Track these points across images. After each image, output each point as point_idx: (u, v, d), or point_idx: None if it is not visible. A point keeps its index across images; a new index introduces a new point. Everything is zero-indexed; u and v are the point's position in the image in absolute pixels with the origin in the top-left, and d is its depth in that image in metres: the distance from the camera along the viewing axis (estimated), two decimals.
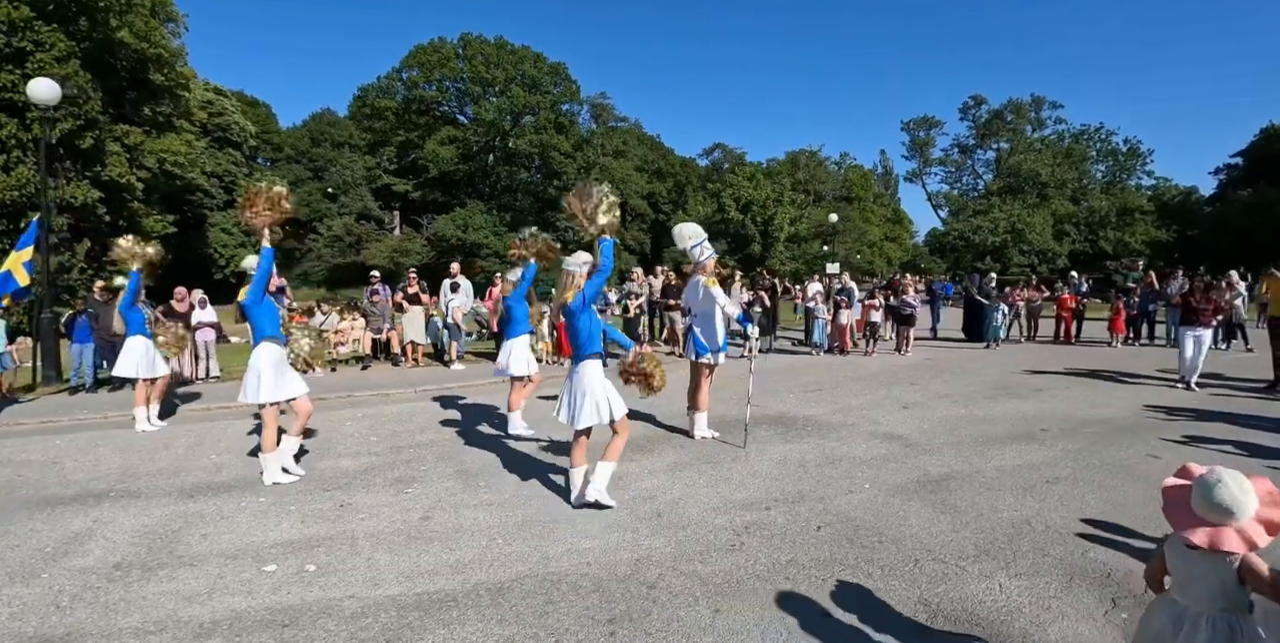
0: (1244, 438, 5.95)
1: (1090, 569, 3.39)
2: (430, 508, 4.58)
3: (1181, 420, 6.73)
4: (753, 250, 38.27)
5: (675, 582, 3.32)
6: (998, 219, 38.50)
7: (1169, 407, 7.41)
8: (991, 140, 45.92)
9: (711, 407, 6.41)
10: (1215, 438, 5.93)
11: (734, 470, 5.11)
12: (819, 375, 9.99)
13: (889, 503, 4.33)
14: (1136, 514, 4.12)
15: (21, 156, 23.38)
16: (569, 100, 44.88)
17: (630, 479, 5.01)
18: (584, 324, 4.29)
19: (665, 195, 55.99)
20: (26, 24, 22.61)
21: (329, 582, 3.52)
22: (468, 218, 42.67)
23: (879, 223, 60.43)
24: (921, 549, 3.60)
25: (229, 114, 39.70)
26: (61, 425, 7.69)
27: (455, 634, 2.94)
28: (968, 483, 4.72)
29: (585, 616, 3.04)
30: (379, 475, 5.37)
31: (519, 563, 3.65)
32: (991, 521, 4.02)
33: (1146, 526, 3.92)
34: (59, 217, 24.43)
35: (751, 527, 3.96)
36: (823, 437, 6.08)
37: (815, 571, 3.37)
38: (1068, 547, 3.65)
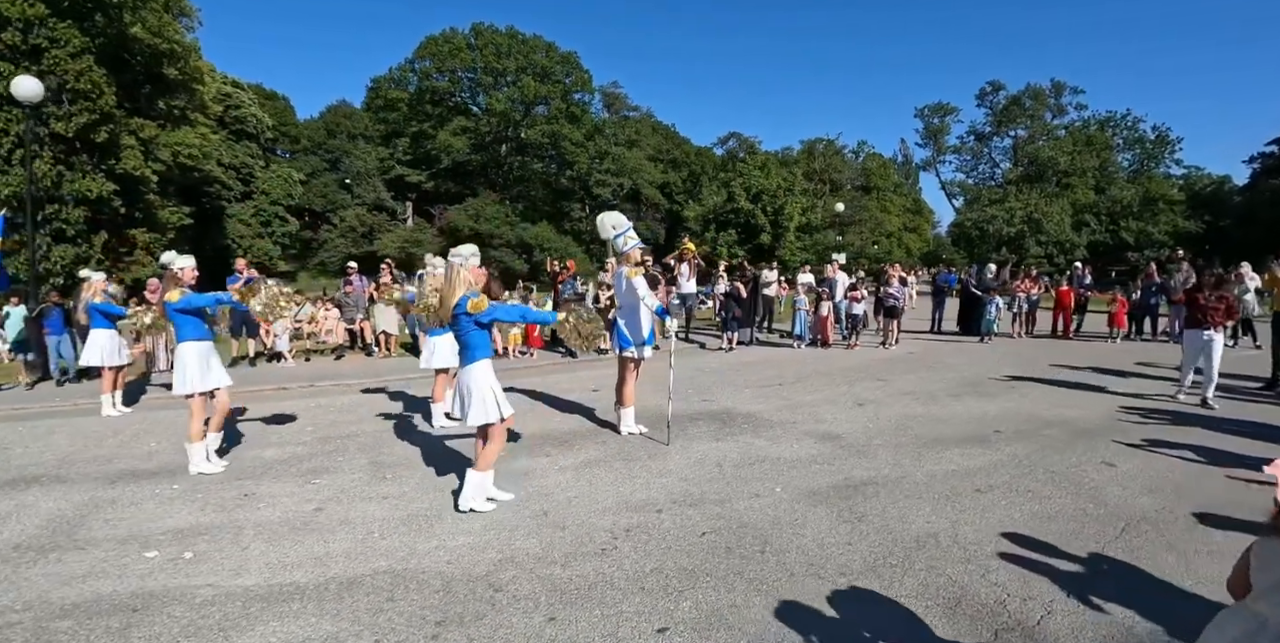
0: (1213, 443, 5.65)
1: (983, 594, 3.14)
2: (327, 500, 4.67)
3: (1153, 424, 6.44)
4: (763, 240, 37.79)
5: (525, 586, 3.30)
6: (1013, 209, 37.45)
7: (1146, 409, 7.09)
8: (1009, 127, 44.45)
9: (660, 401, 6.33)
10: (1179, 443, 5.66)
11: (646, 469, 5.06)
12: (787, 369, 9.86)
13: (792, 509, 4.20)
14: (1063, 530, 3.88)
15: (38, 151, 23.94)
16: (580, 90, 44.68)
17: (536, 475, 5.02)
18: (469, 328, 4.23)
19: (680, 185, 55.58)
20: (41, 21, 23.09)
21: (197, 569, 3.63)
22: (480, 208, 42.85)
23: (898, 213, 59.35)
24: (803, 563, 3.45)
25: (246, 107, 40.22)
26: (31, 412, 7.96)
27: (285, 628, 3.00)
28: (888, 490, 4.55)
29: (418, 616, 3.07)
30: (295, 466, 5.48)
31: (383, 558, 3.69)
32: (896, 533, 3.83)
33: (1071, 542, 3.69)
34: (76, 209, 25.07)
35: (633, 530, 3.91)
36: (756, 435, 5.99)
37: (677, 581, 3.29)
38: (969, 566, 3.41)
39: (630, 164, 47.83)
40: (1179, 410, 7.03)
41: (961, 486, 4.62)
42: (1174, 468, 5.03)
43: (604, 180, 46.89)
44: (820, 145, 52.15)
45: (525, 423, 6.70)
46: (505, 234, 43.74)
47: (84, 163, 25.43)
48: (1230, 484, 4.67)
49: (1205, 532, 3.86)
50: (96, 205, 25.81)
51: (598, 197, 48.25)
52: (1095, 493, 4.49)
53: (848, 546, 3.67)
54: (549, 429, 6.44)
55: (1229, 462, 5.13)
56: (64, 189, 24.52)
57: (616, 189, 48.17)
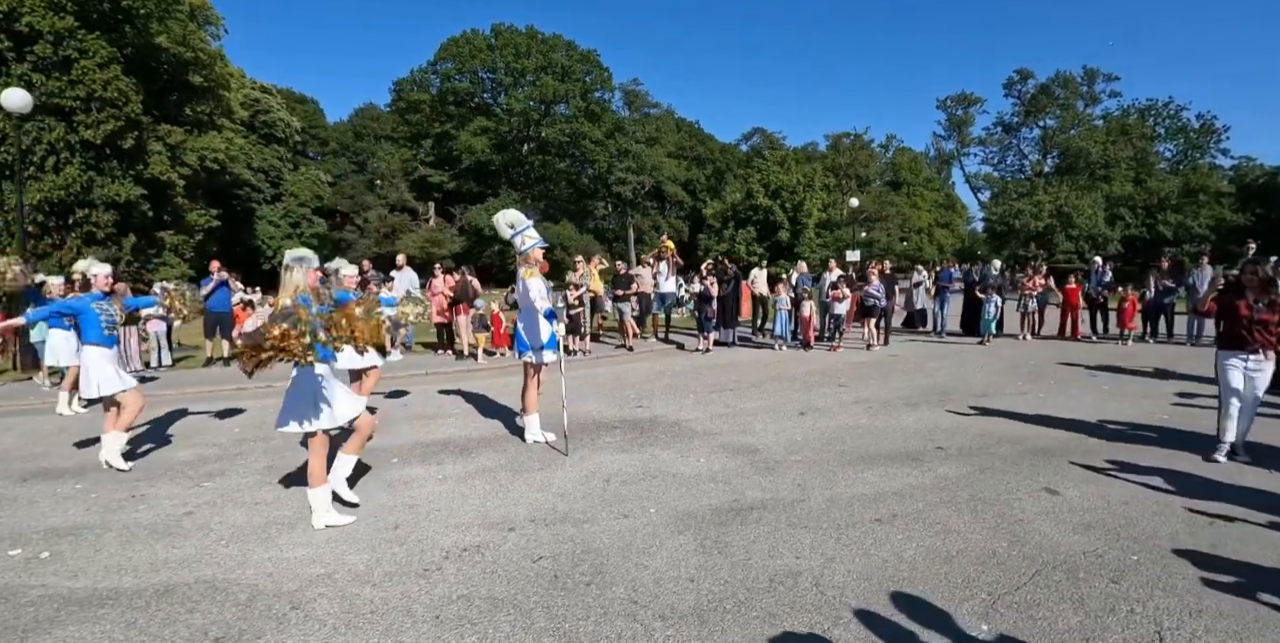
0: (1192, 468, 4.98)
1: None
2: (203, 504, 4.69)
3: (1127, 443, 5.69)
4: (781, 237, 37.19)
5: (325, 605, 3.23)
6: (1042, 202, 35.94)
7: (1127, 423, 6.36)
8: (1038, 117, 42.61)
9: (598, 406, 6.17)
10: (1150, 467, 4.97)
11: (527, 482, 4.91)
12: (750, 373, 9.59)
13: (653, 534, 3.93)
14: (957, 575, 3.33)
15: (69, 158, 24.95)
16: (600, 88, 44.66)
17: (414, 485, 4.94)
18: None
19: (704, 182, 55.20)
20: (70, 33, 23.99)
21: (43, 569, 3.70)
22: (500, 207, 43.06)
23: (929, 208, 57.90)
24: (626, 600, 3.16)
25: (274, 111, 41.26)
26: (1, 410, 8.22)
27: (79, 633, 3.01)
28: (775, 515, 4.18)
29: (201, 630, 3.03)
30: (197, 468, 5.54)
31: (212, 567, 3.69)
32: (754, 569, 3.41)
33: (958, 592, 3.15)
34: (105, 213, 26.04)
35: (471, 550, 3.78)
36: (667, 447, 5.76)
37: (477, 612, 3.11)
38: (814, 617, 2.96)
39: (651, 162, 47.63)
40: (1169, 426, 6.25)
41: (862, 514, 4.15)
42: (1130, 499, 4.34)
43: (624, 178, 46.80)
44: (846, 140, 51.17)
45: (442, 428, 6.67)
46: None
47: (113, 168, 26.39)
48: (1191, 521, 3.97)
49: (1131, 586, 3.22)
50: (125, 209, 26.77)
51: (619, 194, 48.20)
52: (1018, 528, 3.90)
53: (689, 583, 3.31)
54: (459, 435, 6.36)
55: (1201, 492, 4.44)
56: (94, 194, 25.47)
57: (637, 187, 48.03)
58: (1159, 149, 42.05)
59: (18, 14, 22.36)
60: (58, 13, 23.47)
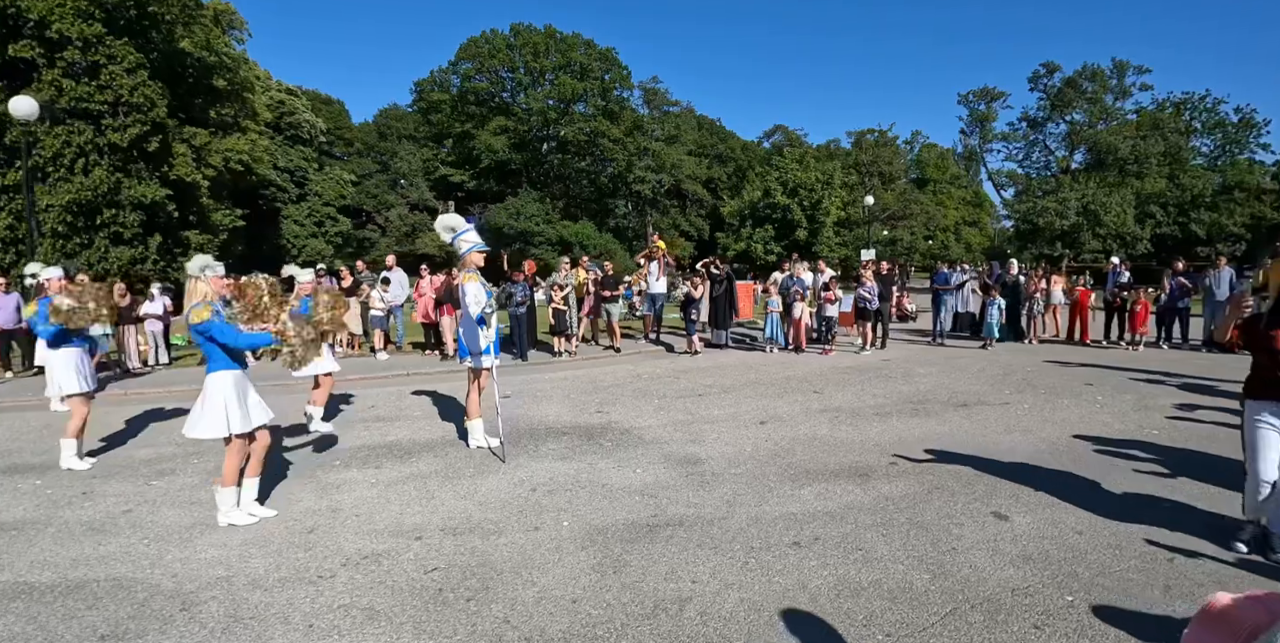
0: (1163, 493, 4.56)
1: None
2: (144, 502, 4.84)
3: (1102, 461, 5.35)
4: (799, 236, 36.76)
5: (214, 608, 3.30)
6: (1067, 199, 34.85)
7: (1112, 439, 5.97)
8: (1064, 112, 41.23)
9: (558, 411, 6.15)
10: (1112, 492, 4.62)
11: (455, 489, 4.92)
12: (728, 377, 9.49)
13: (555, 549, 3.85)
14: (860, 610, 3.11)
15: (97, 160, 25.74)
16: (619, 86, 44.60)
17: (346, 488, 5.00)
18: (199, 340, 4.25)
19: (725, 180, 54.82)
20: (99, 39, 24.72)
21: None
22: (520, 206, 43.45)
23: (956, 206, 56.68)
24: (497, 620, 3.03)
25: (300, 113, 42.08)
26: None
27: None
28: (690, 533, 4.00)
29: (92, 628, 3.13)
30: (152, 467, 5.70)
31: (128, 564, 3.81)
32: (642, 593, 3.30)
33: (853, 629, 2.96)
34: (131, 213, 26.82)
35: (371, 558, 3.80)
36: (608, 456, 5.71)
37: (349, 622, 3.08)
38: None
39: (670, 160, 47.43)
40: (1155, 442, 5.83)
41: (782, 535, 3.96)
42: (1085, 528, 4.00)
43: (644, 177, 46.70)
44: (870, 137, 50.34)
45: (396, 430, 6.73)
46: (545, 232, 44.22)
47: (139, 170, 27.16)
48: (1148, 557, 3.62)
49: (1054, 635, 2.87)
50: (151, 210, 27.54)
51: (638, 193, 48.12)
52: (948, 558, 3.61)
53: (570, 604, 3.22)
54: (408, 438, 6.42)
55: (1170, 521, 4.06)
56: (121, 195, 26.25)
57: (656, 185, 47.89)
58: (1195, 144, 40.52)
59: (48, 22, 23.11)
60: (86, 20, 24.20)
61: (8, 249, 24.24)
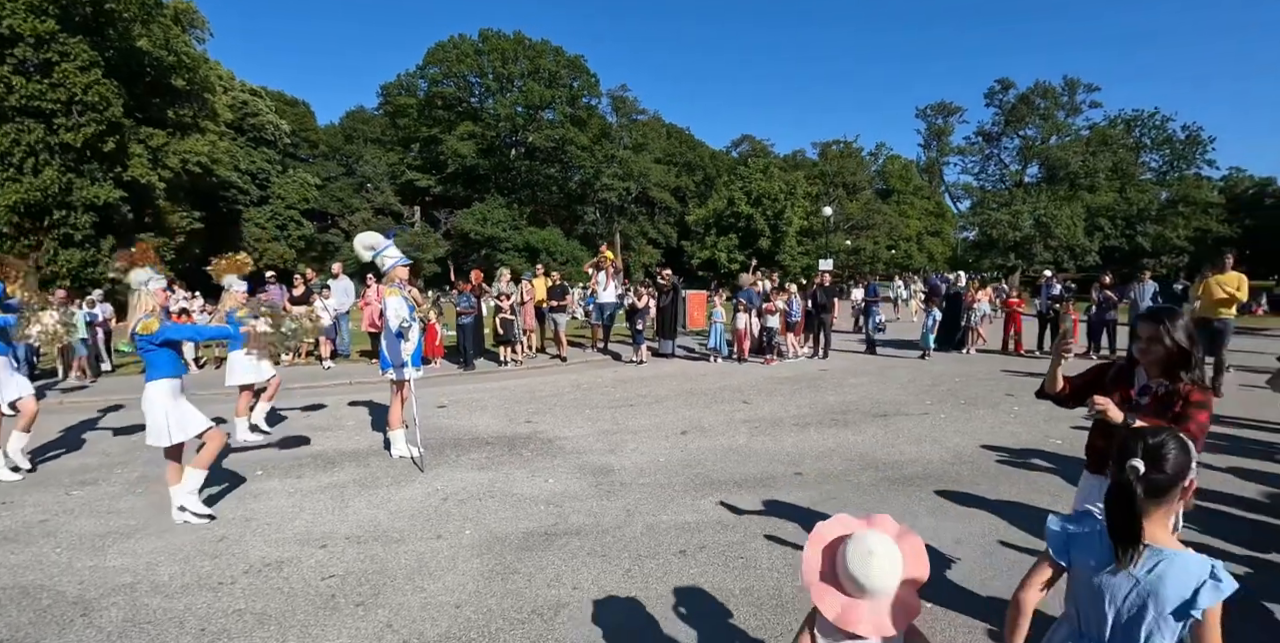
0: (1045, 503, 4.78)
1: None
2: (62, 511, 4.94)
3: (1001, 470, 5.60)
4: (762, 245, 37.41)
5: (113, 614, 3.45)
6: (1020, 212, 36.10)
7: (1016, 448, 6.26)
8: (1018, 127, 42.67)
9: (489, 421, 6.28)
10: (999, 500, 4.87)
11: (370, 498, 5.10)
12: (664, 387, 9.77)
13: (454, 557, 4.03)
14: (719, 616, 3.30)
15: (48, 160, 25.24)
16: (588, 93, 44.92)
17: (264, 497, 5.17)
18: (145, 348, 4.42)
19: (693, 188, 55.46)
20: (52, 36, 24.26)
21: None
22: (486, 212, 43.48)
23: (919, 216, 58.07)
24: (380, 624, 3.20)
25: (263, 114, 41.57)
26: None
27: None
28: (583, 541, 4.19)
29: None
30: (76, 476, 5.79)
31: (37, 572, 3.95)
32: (524, 599, 3.52)
33: (713, 635, 3.15)
34: (83, 215, 26.32)
35: (274, 565, 3.97)
36: (524, 465, 5.90)
37: (240, 625, 3.25)
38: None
39: (638, 168, 47.86)
40: (1056, 452, 6.07)
41: (671, 544, 4.17)
42: (964, 536, 4.20)
43: (611, 184, 47.05)
44: (835, 147, 51.37)
45: (326, 440, 6.88)
46: (512, 238, 44.29)
47: (93, 170, 26.68)
48: (1015, 564, 3.80)
49: None
50: (105, 211, 27.06)
51: (605, 200, 48.44)
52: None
53: (453, 609, 3.43)
54: (334, 448, 6.56)
55: (1027, 524, 4.31)
56: (72, 196, 25.76)
57: (624, 193, 48.27)
58: (1145, 160, 42.24)
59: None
60: (39, 16, 23.77)
61: None
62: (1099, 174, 38.61)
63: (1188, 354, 2.41)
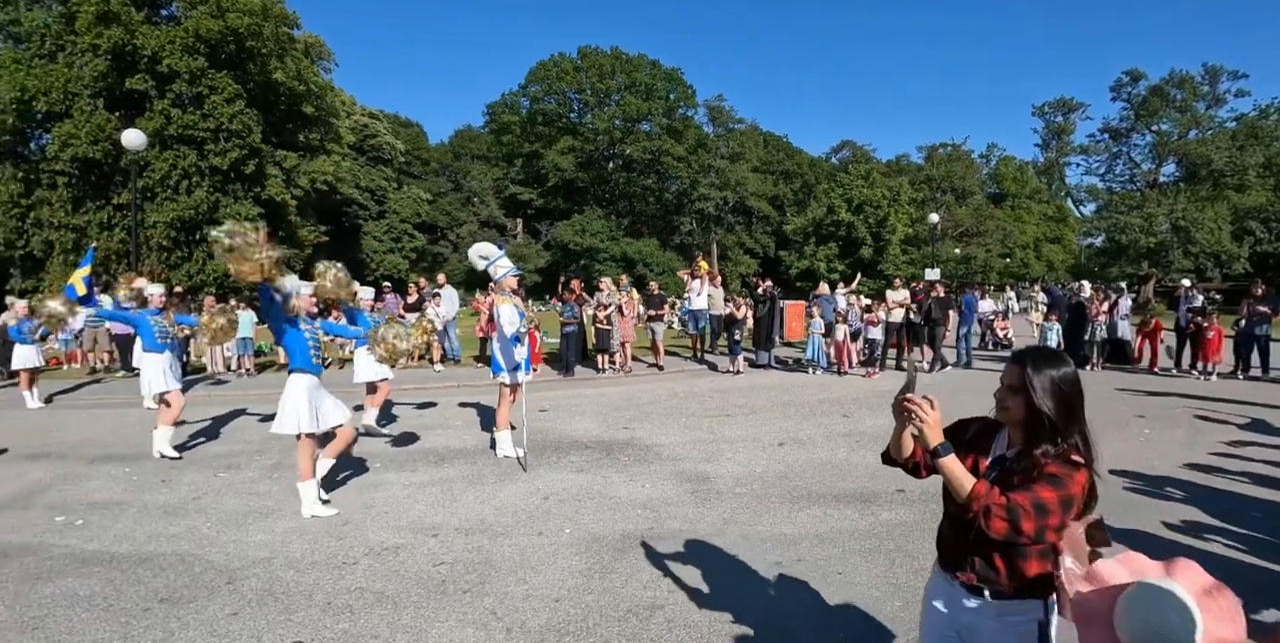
0: (1182, 538, 4.41)
1: None
2: (210, 491, 5.54)
3: (1128, 500, 5.13)
4: (863, 254, 36.19)
5: (253, 583, 3.79)
6: (1154, 215, 32.82)
7: (1143, 475, 5.69)
8: (1150, 122, 38.61)
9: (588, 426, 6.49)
10: (1120, 528, 4.34)
11: (478, 494, 5.33)
12: (761, 398, 9.63)
13: (554, 554, 4.12)
14: (818, 628, 3.27)
15: (199, 181, 28.18)
16: (684, 105, 45.31)
17: (383, 488, 5.53)
18: (289, 339, 4.85)
19: (791, 197, 54.57)
20: (202, 72, 27.19)
21: (73, 534, 4.66)
22: (585, 223, 44.57)
23: (1036, 221, 54.42)
24: (485, 612, 3.42)
25: (381, 136, 44.66)
26: (89, 402, 9.60)
27: (72, 584, 3.86)
28: (678, 547, 4.21)
29: (155, 591, 3.74)
30: (222, 460, 6.47)
31: (190, 543, 4.45)
32: (620, 598, 3.57)
33: (812, 641, 3.19)
34: None
35: (391, 549, 4.24)
36: (622, 470, 5.98)
37: (361, 602, 3.51)
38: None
39: (735, 177, 47.67)
40: (1193, 482, 5.53)
41: (767, 555, 4.09)
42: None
43: (708, 194, 47.10)
44: (942, 151, 49.11)
45: (435, 437, 7.28)
46: (610, 249, 45.17)
47: (236, 190, 29.56)
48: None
49: None
50: None
51: (702, 211, 48.52)
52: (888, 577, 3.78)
53: (553, 603, 3.53)
54: (444, 445, 6.92)
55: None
56: (219, 213, 28.59)
57: (721, 203, 48.18)
58: None
59: (160, 57, 25.60)
60: (192, 55, 26.66)
61: (119, 261, 26.73)
62: (1248, 171, 34.61)
63: (1054, 426, 1.75)
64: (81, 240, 24.68)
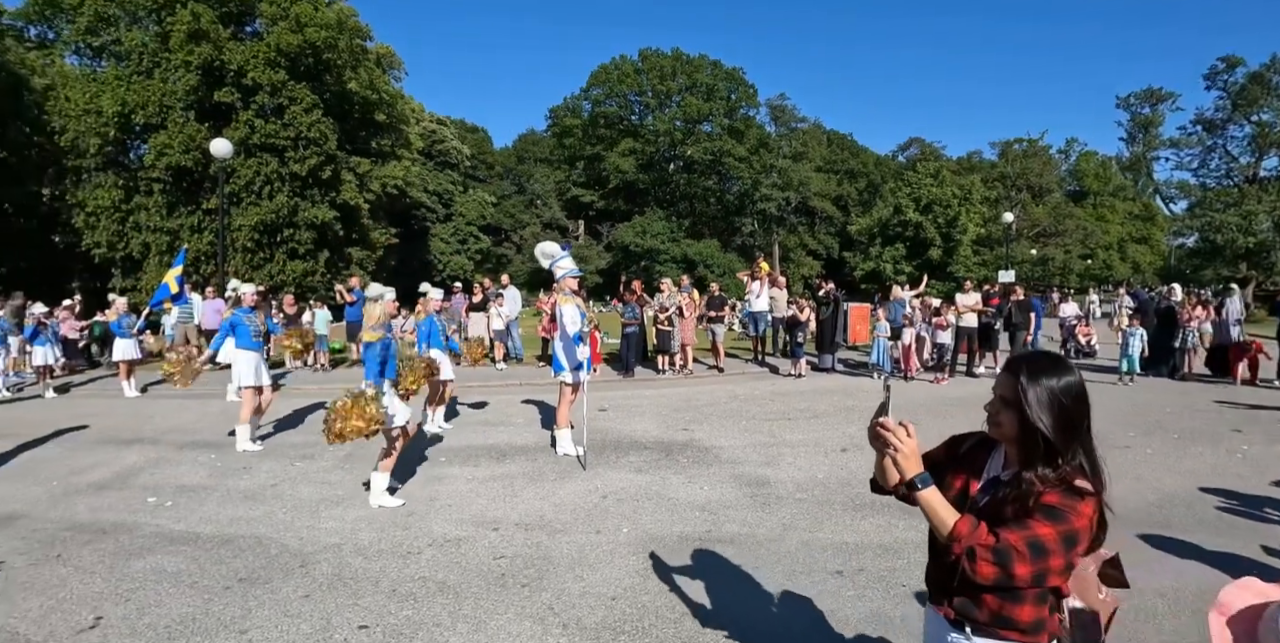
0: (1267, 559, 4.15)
1: None
2: (287, 479, 5.86)
3: (1226, 520, 4.79)
4: (932, 255, 34.93)
5: (324, 567, 3.97)
6: (1254, 213, 30.32)
7: (1239, 494, 5.32)
8: (1249, 111, 35.49)
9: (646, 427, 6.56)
10: (1216, 552, 4.18)
11: (538, 490, 5.39)
12: (823, 402, 9.40)
13: (611, 552, 4.13)
14: (895, 639, 3.21)
15: (280, 187, 29.67)
16: (746, 104, 44.91)
17: (447, 481, 5.69)
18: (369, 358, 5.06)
19: (856, 197, 53.34)
20: (283, 84, 28.66)
21: (163, 514, 5.05)
22: (646, 225, 44.72)
23: (1121, 220, 51.49)
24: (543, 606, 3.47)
25: (448, 141, 46.01)
26: (187, 392, 10.20)
27: (159, 560, 4.17)
28: (737, 551, 4.15)
29: (235, 571, 3.97)
30: (299, 450, 6.85)
31: (268, 527, 4.74)
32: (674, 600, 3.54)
33: None
34: (305, 232, 30.62)
35: (451, 542, 4.33)
36: (680, 471, 5.93)
37: (423, 590, 3.62)
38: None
39: (798, 177, 46.93)
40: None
41: (828, 563, 3.98)
42: (1170, 591, 3.62)
43: (769, 195, 46.53)
44: (1017, 147, 47.03)
45: (498, 434, 7.43)
46: (670, 250, 45.19)
47: (313, 195, 31.00)
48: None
49: None
50: (321, 229, 31.29)
51: (764, 211, 47.97)
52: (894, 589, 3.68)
53: (609, 601, 3.52)
54: (506, 442, 7.05)
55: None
56: (297, 216, 30.07)
57: (783, 203, 47.52)
58: None
59: (245, 71, 27.12)
60: (274, 68, 28.14)
61: (209, 261, 28.39)
62: None
63: (1052, 446, 1.48)
64: (174, 242, 26.31)
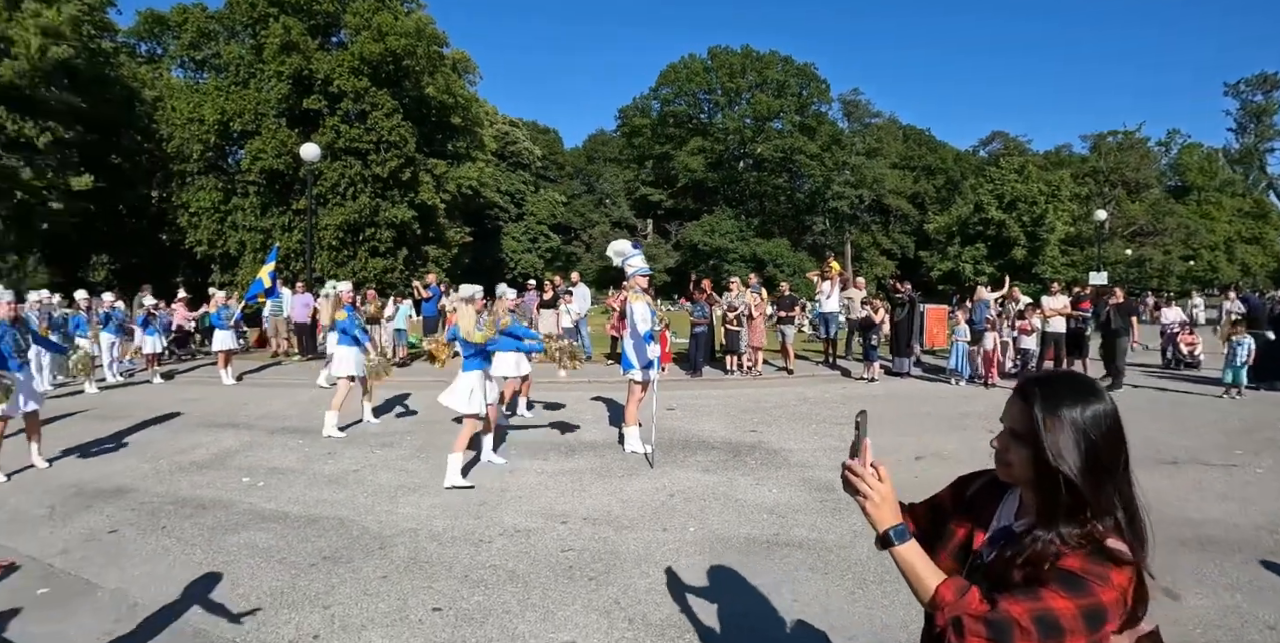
0: None
1: None
2: (367, 465, 6.22)
3: None
4: (1015, 255, 33.21)
5: (400, 550, 4.17)
6: None
7: None
8: None
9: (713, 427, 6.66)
10: None
11: (606, 486, 5.44)
12: (898, 408, 9.05)
13: (678, 551, 4.12)
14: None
15: (363, 188, 31.08)
16: (818, 100, 43.98)
17: (518, 473, 5.84)
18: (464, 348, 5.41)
19: (934, 194, 51.45)
20: (365, 91, 30.02)
21: (256, 493, 5.41)
22: (715, 224, 44.48)
23: (1229, 219, 47.70)
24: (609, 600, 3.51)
25: (520, 142, 47.02)
26: (274, 381, 10.82)
27: (251, 536, 4.46)
28: (806, 555, 4.09)
29: (319, 549, 4.24)
30: (379, 439, 7.26)
31: (350, 509, 5.03)
32: (740, 602, 3.47)
33: None
34: (385, 231, 31.97)
35: (522, 533, 4.42)
36: (748, 472, 5.84)
37: (495, 578, 3.72)
38: None
39: (871, 174, 45.64)
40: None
41: (892, 569, 4.01)
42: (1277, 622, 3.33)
43: (842, 192, 45.45)
44: (1111, 139, 44.20)
45: (566, 429, 7.55)
46: (739, 249, 44.80)
47: (393, 196, 32.33)
48: None
49: None
50: (400, 229, 32.60)
51: (836, 210, 46.90)
52: None
53: (676, 599, 3.52)
54: (575, 438, 7.16)
55: None
56: (379, 217, 31.43)
57: (855, 201, 46.32)
58: None
59: (331, 79, 28.61)
60: (357, 76, 29.53)
61: (298, 259, 30.03)
62: None
63: (1078, 494, 1.15)
64: (267, 241, 27.95)
